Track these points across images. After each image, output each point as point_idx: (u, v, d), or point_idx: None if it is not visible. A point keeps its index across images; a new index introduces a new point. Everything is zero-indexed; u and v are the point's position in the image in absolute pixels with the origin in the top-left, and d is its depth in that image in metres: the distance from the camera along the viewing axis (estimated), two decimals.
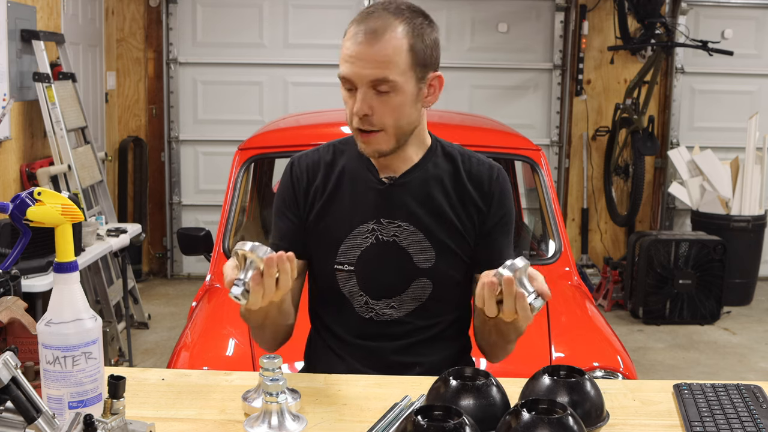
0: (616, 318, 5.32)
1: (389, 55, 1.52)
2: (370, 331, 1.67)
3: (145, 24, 5.98)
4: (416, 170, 1.67)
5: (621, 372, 2.32)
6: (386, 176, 1.66)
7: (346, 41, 1.56)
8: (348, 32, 1.56)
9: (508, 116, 5.62)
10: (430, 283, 1.66)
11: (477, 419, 1.18)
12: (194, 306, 2.79)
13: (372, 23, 1.53)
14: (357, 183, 1.67)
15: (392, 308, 1.66)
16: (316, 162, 1.71)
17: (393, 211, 1.64)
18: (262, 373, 1.31)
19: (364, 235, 1.65)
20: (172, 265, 6.22)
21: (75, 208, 1.23)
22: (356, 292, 1.66)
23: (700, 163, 5.73)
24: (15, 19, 4.12)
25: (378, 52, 1.52)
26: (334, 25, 5.93)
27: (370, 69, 1.52)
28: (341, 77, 1.56)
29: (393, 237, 1.64)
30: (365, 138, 1.59)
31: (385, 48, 1.52)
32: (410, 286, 1.66)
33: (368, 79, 1.52)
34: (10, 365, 1.06)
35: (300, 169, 1.71)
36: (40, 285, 3.25)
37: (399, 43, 1.53)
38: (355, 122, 1.58)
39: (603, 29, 6.09)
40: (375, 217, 1.65)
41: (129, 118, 6.07)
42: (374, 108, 1.55)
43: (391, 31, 1.53)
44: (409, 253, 1.64)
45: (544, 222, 3.18)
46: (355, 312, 1.67)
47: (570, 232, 6.26)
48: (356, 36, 1.53)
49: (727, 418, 1.30)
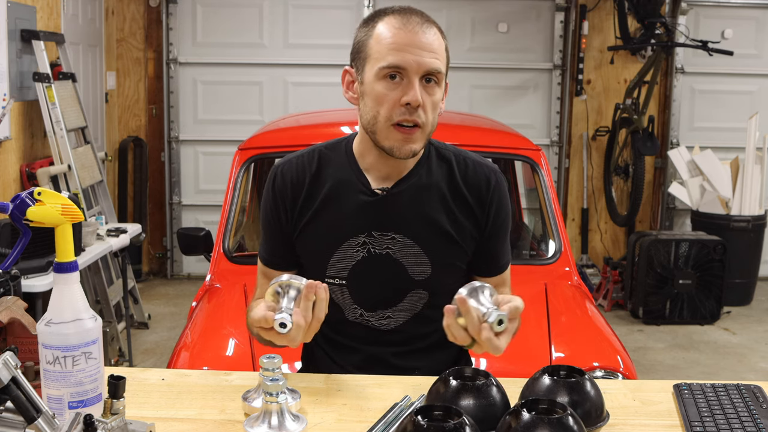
0: (616, 318, 5.32)
1: (440, 47, 1.53)
2: (367, 339, 1.65)
3: (145, 24, 5.98)
4: (410, 178, 1.61)
5: (621, 372, 2.32)
6: (378, 187, 1.60)
7: (386, 31, 1.51)
8: (384, 25, 1.52)
9: (508, 116, 5.62)
10: (426, 293, 1.62)
11: (477, 419, 1.18)
12: (194, 306, 2.79)
13: (417, 17, 1.53)
14: (347, 195, 1.61)
15: (388, 318, 1.64)
16: (300, 173, 1.64)
17: (386, 223, 1.59)
18: (262, 373, 1.31)
19: (355, 249, 1.60)
20: (172, 265, 6.22)
21: (75, 208, 1.23)
22: (350, 304, 1.63)
23: (700, 163, 5.73)
24: (15, 19, 4.12)
25: (433, 42, 1.51)
26: (334, 25, 5.93)
27: (428, 57, 1.49)
28: (392, 66, 1.49)
29: (386, 249, 1.60)
30: (407, 134, 1.52)
31: (437, 40, 1.53)
32: (406, 297, 1.62)
33: (426, 67, 1.49)
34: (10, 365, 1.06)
35: (283, 183, 1.64)
36: (40, 285, 3.25)
37: (441, 39, 1.55)
38: (398, 113, 1.51)
39: (603, 29, 6.09)
40: (366, 230, 1.60)
41: (129, 118, 6.07)
42: (422, 100, 1.50)
43: (435, 28, 1.54)
44: (403, 265, 1.60)
45: (544, 222, 3.18)
46: (350, 322, 1.65)
47: (570, 232, 6.26)
48: (406, 26, 1.51)
49: (727, 418, 1.30)
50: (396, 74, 1.50)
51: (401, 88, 1.50)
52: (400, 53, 1.49)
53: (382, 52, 1.51)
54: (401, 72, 1.50)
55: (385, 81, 1.51)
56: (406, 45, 1.49)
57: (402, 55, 1.49)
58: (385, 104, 1.51)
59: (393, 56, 1.49)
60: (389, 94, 1.51)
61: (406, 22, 1.51)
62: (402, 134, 1.51)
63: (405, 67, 1.49)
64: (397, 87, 1.50)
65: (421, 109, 1.50)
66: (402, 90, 1.50)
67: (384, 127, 1.52)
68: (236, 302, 2.65)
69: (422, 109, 1.50)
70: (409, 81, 1.49)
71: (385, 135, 1.53)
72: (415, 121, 1.51)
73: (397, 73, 1.50)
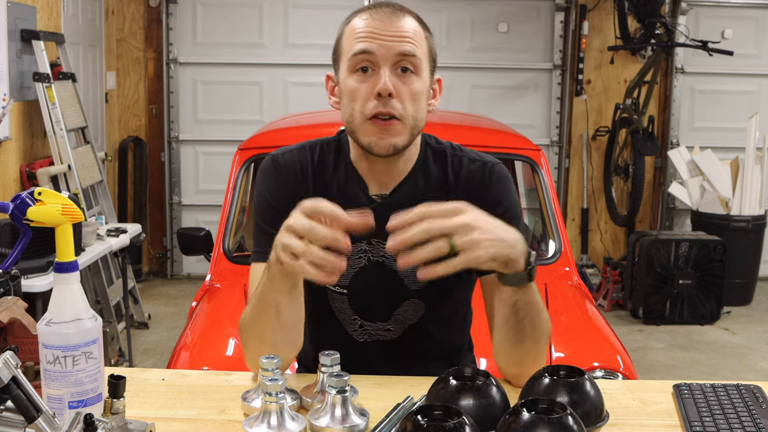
0: (616, 318, 5.32)
1: (414, 32, 1.46)
2: (366, 353, 1.59)
3: (145, 24, 5.98)
4: (406, 184, 1.55)
5: (621, 372, 2.32)
6: (376, 194, 1.55)
7: (356, 24, 1.47)
8: (355, 19, 1.49)
9: (508, 116, 5.62)
10: (422, 303, 1.57)
11: (477, 419, 1.18)
12: (194, 306, 2.79)
13: (388, 8, 1.48)
14: (348, 200, 1.49)
15: (387, 330, 1.59)
16: (303, 166, 1.58)
17: (381, 231, 1.46)
18: (262, 373, 1.31)
19: (358, 256, 1.55)
20: (172, 265, 6.22)
21: (75, 208, 1.23)
22: (349, 315, 1.59)
23: (700, 163, 5.73)
24: (15, 19, 4.12)
25: (403, 26, 1.45)
26: (334, 25, 5.82)
27: (397, 42, 1.43)
28: (359, 53, 1.44)
29: (382, 258, 1.55)
30: (383, 126, 1.44)
31: (409, 24, 1.46)
32: (401, 306, 1.57)
33: (395, 51, 1.43)
34: (10, 365, 1.06)
35: (288, 171, 1.57)
36: (40, 285, 3.25)
37: (417, 27, 1.49)
38: (371, 107, 1.44)
39: (603, 29, 6.09)
40: (366, 237, 1.52)
41: (129, 118, 6.07)
42: (397, 90, 1.43)
43: (409, 16, 1.49)
44: (398, 274, 1.55)
45: (544, 222, 3.18)
46: (348, 335, 1.60)
47: (570, 232, 6.25)
48: (373, 15, 1.46)
49: (727, 418, 1.30)
50: (367, 66, 1.44)
51: (373, 79, 1.44)
52: (367, 39, 1.44)
53: (352, 44, 1.46)
54: (371, 62, 1.44)
55: (357, 75, 1.45)
56: (374, 31, 1.44)
57: (369, 41, 1.43)
58: (358, 99, 1.45)
59: (360, 44, 1.44)
60: (361, 87, 1.45)
61: (375, 12, 1.46)
62: (378, 127, 1.44)
63: (372, 52, 1.43)
64: (369, 79, 1.44)
65: (397, 99, 1.43)
66: (374, 81, 1.44)
67: (360, 123, 1.46)
68: (236, 302, 2.65)
69: (398, 99, 1.43)
70: (379, 70, 1.43)
71: (362, 131, 1.46)
72: (389, 113, 1.43)
73: (368, 64, 1.44)
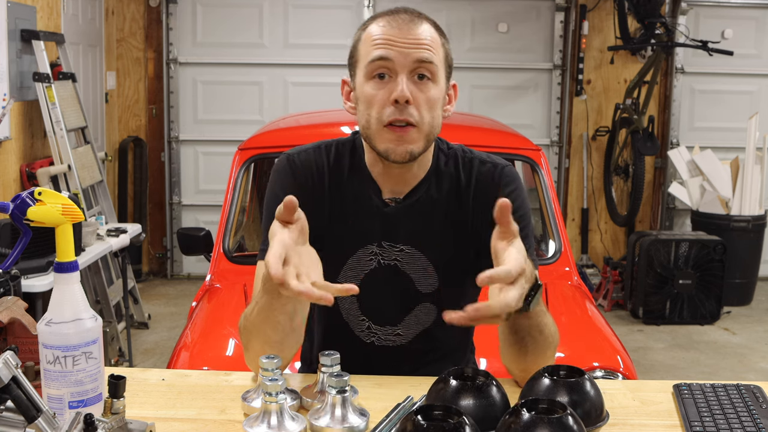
0: (616, 318, 5.32)
1: (431, 39, 1.47)
2: (372, 356, 1.59)
3: (145, 24, 5.98)
4: (420, 189, 1.56)
5: (621, 372, 2.32)
6: (389, 198, 1.56)
7: (373, 30, 1.47)
8: (372, 25, 1.49)
9: (508, 116, 5.62)
10: (434, 308, 1.57)
11: (477, 419, 1.18)
12: (194, 306, 2.79)
13: (406, 15, 1.48)
14: (361, 202, 1.55)
15: (397, 335, 1.59)
16: (319, 166, 1.57)
17: (395, 234, 1.54)
18: (262, 373, 1.31)
19: (368, 258, 1.55)
20: (172, 265, 6.22)
21: (75, 208, 1.23)
22: (357, 316, 1.59)
23: (700, 163, 5.73)
24: (15, 19, 4.12)
25: (421, 33, 1.46)
26: (334, 25, 5.93)
27: (414, 49, 1.44)
28: (377, 59, 1.44)
29: (394, 261, 1.55)
30: (400, 133, 1.45)
31: (426, 32, 1.47)
32: (413, 311, 1.58)
33: (413, 58, 1.43)
34: (10, 365, 1.06)
35: (304, 171, 1.56)
36: (40, 285, 3.25)
37: (435, 34, 1.49)
38: (388, 113, 1.44)
39: (603, 29, 6.09)
40: (378, 239, 1.55)
41: (129, 118, 6.07)
42: (414, 97, 1.44)
43: (426, 23, 1.50)
44: (410, 277, 1.56)
45: (544, 222, 3.18)
46: (356, 336, 1.59)
47: (570, 232, 6.25)
48: (391, 22, 1.46)
49: (727, 419, 1.30)
50: (384, 73, 1.45)
51: (390, 86, 1.45)
52: (384, 46, 1.44)
53: (369, 50, 1.46)
54: (388, 68, 1.45)
55: (374, 81, 1.46)
56: (392, 37, 1.45)
57: (386, 48, 1.44)
58: (375, 105, 1.46)
59: (378, 50, 1.45)
60: (378, 93, 1.45)
61: (393, 19, 1.47)
62: (394, 134, 1.45)
63: (390, 59, 1.44)
64: (386, 86, 1.45)
65: (413, 106, 1.44)
66: (390, 88, 1.44)
67: (377, 130, 1.47)
68: (236, 302, 2.65)
69: (414, 107, 1.44)
70: (397, 77, 1.44)
71: (378, 138, 1.47)
72: (406, 120, 1.44)
73: (385, 71, 1.45)
